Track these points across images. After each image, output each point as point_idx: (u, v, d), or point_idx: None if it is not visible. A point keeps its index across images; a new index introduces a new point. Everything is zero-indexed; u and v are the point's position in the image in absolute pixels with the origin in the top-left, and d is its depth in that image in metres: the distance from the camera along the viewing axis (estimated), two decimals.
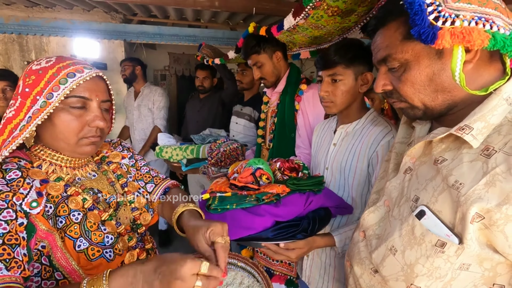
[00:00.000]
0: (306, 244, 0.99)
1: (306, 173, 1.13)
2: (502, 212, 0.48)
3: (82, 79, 0.70)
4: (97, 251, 0.72)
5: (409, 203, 0.64)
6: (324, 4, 0.94)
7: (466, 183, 0.53)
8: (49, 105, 0.66)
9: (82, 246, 0.70)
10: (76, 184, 0.76)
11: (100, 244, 0.72)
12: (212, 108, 2.93)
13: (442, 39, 0.49)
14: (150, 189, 0.96)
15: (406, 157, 0.69)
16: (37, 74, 0.69)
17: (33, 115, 0.66)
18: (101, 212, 0.76)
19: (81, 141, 0.74)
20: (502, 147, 0.51)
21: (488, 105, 0.55)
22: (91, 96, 0.73)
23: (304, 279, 1.28)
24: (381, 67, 0.66)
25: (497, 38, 0.50)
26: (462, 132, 0.56)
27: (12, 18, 2.95)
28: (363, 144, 1.10)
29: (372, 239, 0.73)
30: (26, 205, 0.64)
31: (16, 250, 0.58)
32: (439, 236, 0.56)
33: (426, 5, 0.50)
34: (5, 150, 0.66)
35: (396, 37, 0.59)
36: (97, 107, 0.74)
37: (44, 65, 0.70)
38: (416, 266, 0.58)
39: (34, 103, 0.67)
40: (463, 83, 0.53)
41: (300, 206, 0.98)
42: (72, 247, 0.69)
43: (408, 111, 0.65)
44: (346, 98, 1.10)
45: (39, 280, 0.67)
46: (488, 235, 0.51)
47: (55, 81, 0.68)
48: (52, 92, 0.67)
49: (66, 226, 0.69)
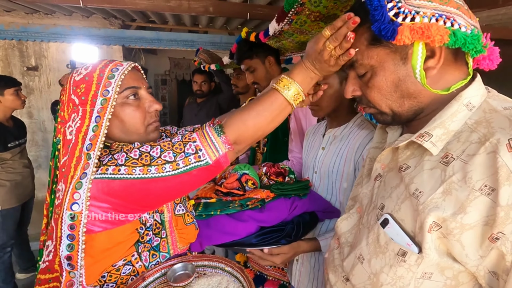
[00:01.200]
0: (291, 249, 0.99)
1: (292, 177, 1.13)
2: (457, 221, 0.48)
3: (125, 70, 0.75)
4: (190, 218, 0.87)
5: (376, 211, 0.63)
6: (305, 9, 0.95)
7: (425, 191, 0.53)
8: (110, 100, 0.71)
9: (181, 211, 0.84)
10: None
11: (191, 213, 0.88)
12: (210, 112, 2.94)
13: (401, 35, 0.49)
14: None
15: (377, 163, 0.69)
16: (85, 81, 0.73)
17: (100, 113, 0.71)
18: None
19: (148, 128, 0.79)
20: (460, 155, 0.51)
21: (448, 111, 0.54)
22: (139, 84, 0.78)
23: (293, 284, 1.28)
24: (350, 73, 0.66)
25: (458, 35, 0.50)
26: (422, 140, 0.55)
27: (12, 24, 3.00)
28: (349, 148, 1.10)
29: (345, 246, 0.73)
30: None
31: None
32: (401, 245, 0.55)
33: (386, 1, 0.51)
34: (92, 152, 0.68)
35: (361, 43, 0.59)
36: (147, 93, 0.80)
37: (85, 72, 0.74)
38: (381, 275, 0.58)
39: (93, 106, 0.71)
40: (423, 81, 0.53)
41: (284, 211, 0.98)
42: (173, 210, 0.82)
43: (378, 117, 0.65)
44: (331, 102, 1.10)
45: (151, 233, 0.78)
46: (446, 244, 0.50)
47: (104, 79, 0.72)
48: (107, 89, 0.72)
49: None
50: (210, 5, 2.00)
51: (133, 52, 4.02)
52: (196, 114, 3.01)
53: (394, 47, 0.55)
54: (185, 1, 1.95)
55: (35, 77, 3.58)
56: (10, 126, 2.34)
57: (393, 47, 0.55)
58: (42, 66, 3.56)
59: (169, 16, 3.26)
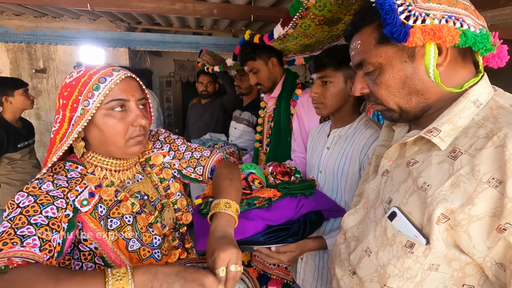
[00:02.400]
0: (298, 248, 1.00)
1: (298, 177, 1.14)
2: (465, 213, 0.49)
3: (113, 83, 0.72)
4: (147, 251, 0.77)
5: (383, 205, 0.65)
6: (310, 13, 0.97)
7: (433, 184, 0.54)
8: (87, 112, 0.70)
9: (135, 247, 0.75)
10: (125, 189, 0.81)
11: (149, 245, 0.77)
12: (214, 114, 2.97)
13: (413, 37, 0.51)
14: (200, 172, 0.97)
15: (384, 159, 0.71)
16: (71, 85, 0.72)
17: (75, 123, 0.71)
18: (148, 215, 0.79)
19: (129, 142, 0.76)
20: (467, 149, 0.52)
21: (456, 107, 0.56)
22: (128, 97, 0.74)
23: (298, 282, 1.29)
24: (358, 71, 0.68)
25: (468, 35, 0.51)
26: (430, 135, 0.57)
27: (21, 28, 3.06)
28: (354, 148, 1.11)
29: (351, 241, 0.74)
30: (78, 202, 0.70)
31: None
32: (408, 237, 0.56)
33: (397, 5, 0.53)
34: (54, 156, 0.72)
35: (370, 42, 0.61)
36: (135, 106, 0.76)
37: (76, 76, 0.73)
38: (388, 267, 0.59)
39: (74, 111, 0.71)
40: (437, 80, 0.55)
41: (291, 210, 0.99)
42: (125, 247, 0.73)
43: (385, 114, 0.67)
44: (336, 101, 1.12)
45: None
46: (454, 235, 0.52)
47: (88, 87, 0.71)
48: (87, 100, 0.70)
49: (121, 227, 0.75)
50: (214, 8, 2.03)
51: (139, 54, 4.07)
52: (200, 115, 3.04)
53: (401, 46, 0.56)
54: (190, 4, 1.97)
55: (43, 79, 3.64)
56: (19, 127, 2.39)
57: (400, 45, 0.56)
58: (50, 69, 3.62)
59: (174, 19, 3.30)
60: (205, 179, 0.98)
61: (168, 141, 0.98)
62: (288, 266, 1.59)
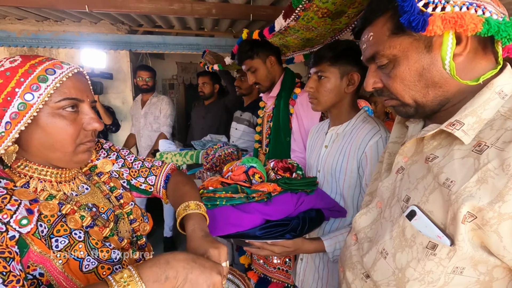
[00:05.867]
0: (293, 245, 0.97)
1: (300, 173, 1.11)
2: (495, 211, 0.45)
3: (65, 75, 0.62)
4: (107, 268, 0.65)
5: (400, 204, 0.61)
6: (313, 5, 0.94)
7: (457, 180, 0.50)
8: (31, 107, 0.58)
9: (91, 266, 0.63)
10: (70, 201, 0.69)
11: (109, 261, 0.66)
12: (217, 115, 2.95)
13: (433, 25, 0.47)
14: (152, 182, 0.91)
15: (398, 156, 0.67)
16: (4, 76, 0.58)
17: (12, 120, 0.57)
18: (102, 228, 0.69)
19: (78, 148, 0.66)
20: (494, 142, 0.49)
21: (480, 99, 0.53)
22: (83, 97, 0.65)
23: (297, 284, 1.25)
24: (370, 65, 0.64)
25: (491, 22, 0.48)
26: (452, 128, 0.53)
27: (23, 32, 3.09)
28: (352, 146, 1.08)
29: (364, 242, 0.70)
30: (15, 223, 0.55)
31: (12, 264, 0.51)
32: (430, 237, 0.52)
33: None
34: None
35: (383, 33, 0.57)
36: (89, 108, 0.67)
37: (9, 66, 0.60)
38: (408, 270, 0.55)
39: (7, 106, 0.57)
40: (453, 72, 0.51)
41: (290, 205, 0.96)
42: (78, 269, 0.61)
43: (400, 109, 0.63)
44: (330, 97, 1.09)
45: None
46: (481, 236, 0.48)
47: (31, 78, 0.59)
48: (31, 92, 0.58)
49: (70, 245, 0.62)
50: (213, 7, 2.02)
51: (140, 56, 4.08)
52: (203, 117, 3.03)
53: (418, 35, 0.53)
54: (188, 4, 1.97)
55: None
56: None
57: (417, 35, 0.53)
58: None
59: (175, 21, 3.30)
60: (156, 190, 0.91)
61: (114, 150, 0.90)
62: (288, 270, 1.56)
